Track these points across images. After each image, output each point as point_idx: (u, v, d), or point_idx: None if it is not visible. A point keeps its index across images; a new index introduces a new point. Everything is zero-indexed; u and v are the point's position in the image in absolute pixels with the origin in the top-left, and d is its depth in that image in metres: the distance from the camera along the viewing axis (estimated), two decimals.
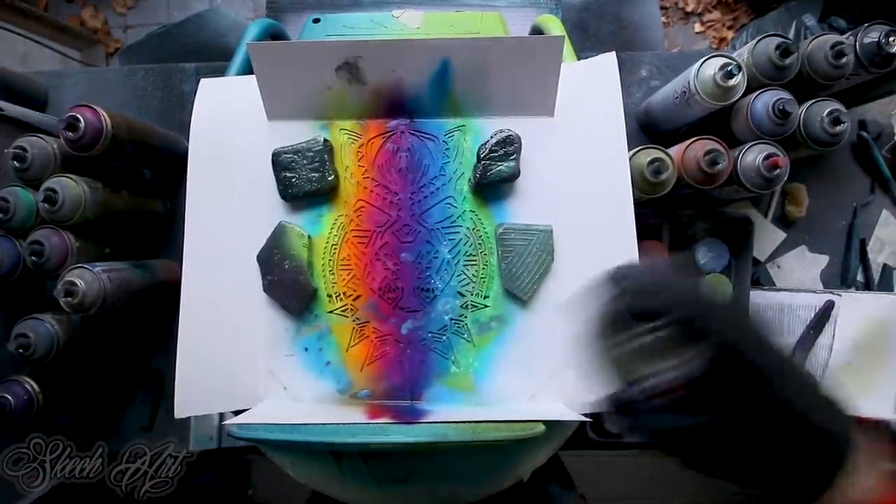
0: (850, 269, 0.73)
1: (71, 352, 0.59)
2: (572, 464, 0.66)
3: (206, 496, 1.17)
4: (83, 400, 0.68)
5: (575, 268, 0.47)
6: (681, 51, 1.64)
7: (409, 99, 0.48)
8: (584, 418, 0.43)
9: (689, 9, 1.69)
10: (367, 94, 0.47)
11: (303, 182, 0.47)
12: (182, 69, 0.76)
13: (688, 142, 0.57)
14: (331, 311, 0.48)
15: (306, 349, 0.48)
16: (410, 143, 0.49)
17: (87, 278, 0.54)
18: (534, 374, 0.46)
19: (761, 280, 0.73)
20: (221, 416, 0.68)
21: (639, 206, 0.53)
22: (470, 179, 0.48)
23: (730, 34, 1.66)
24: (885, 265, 0.74)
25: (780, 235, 0.74)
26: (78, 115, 0.54)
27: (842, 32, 0.59)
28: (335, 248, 0.48)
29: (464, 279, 0.48)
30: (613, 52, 0.50)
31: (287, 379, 0.47)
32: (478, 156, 0.47)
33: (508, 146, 0.46)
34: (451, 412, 0.44)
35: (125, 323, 0.68)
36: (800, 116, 0.57)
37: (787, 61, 0.55)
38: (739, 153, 0.57)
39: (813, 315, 0.71)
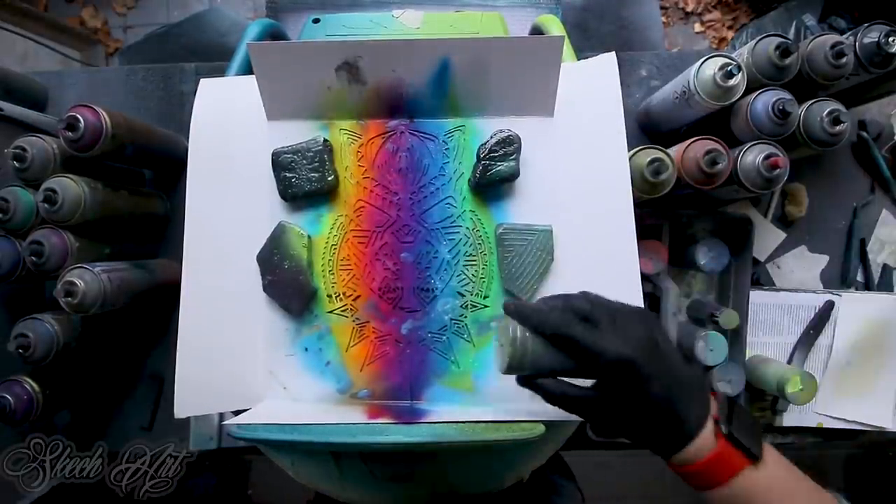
0: (850, 269, 0.73)
1: (71, 352, 0.59)
2: (572, 464, 0.66)
3: (206, 496, 1.17)
4: (83, 400, 0.68)
5: (575, 268, 0.47)
6: (681, 51, 1.64)
7: (408, 99, 0.48)
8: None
9: (689, 9, 1.69)
10: (367, 94, 0.47)
11: (303, 182, 0.47)
12: (182, 69, 0.76)
13: (688, 142, 0.57)
14: (331, 311, 0.48)
15: (306, 349, 0.48)
16: (410, 143, 0.49)
17: (87, 278, 0.54)
18: None
19: (761, 280, 0.73)
20: (221, 416, 0.68)
21: (639, 206, 0.53)
22: (470, 179, 0.48)
23: (730, 34, 1.66)
24: (885, 265, 0.74)
25: (780, 235, 0.74)
26: (78, 115, 0.54)
27: (842, 32, 0.59)
28: (335, 248, 0.48)
29: (463, 279, 0.48)
30: (613, 52, 0.50)
31: (287, 379, 0.47)
32: (477, 156, 0.47)
33: (508, 146, 0.46)
34: (450, 412, 0.44)
35: (125, 323, 0.67)
36: (800, 116, 0.57)
37: (787, 61, 0.55)
38: (739, 153, 0.57)
39: (813, 315, 0.71)
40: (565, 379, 0.38)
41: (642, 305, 0.46)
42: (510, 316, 0.38)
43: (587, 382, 0.37)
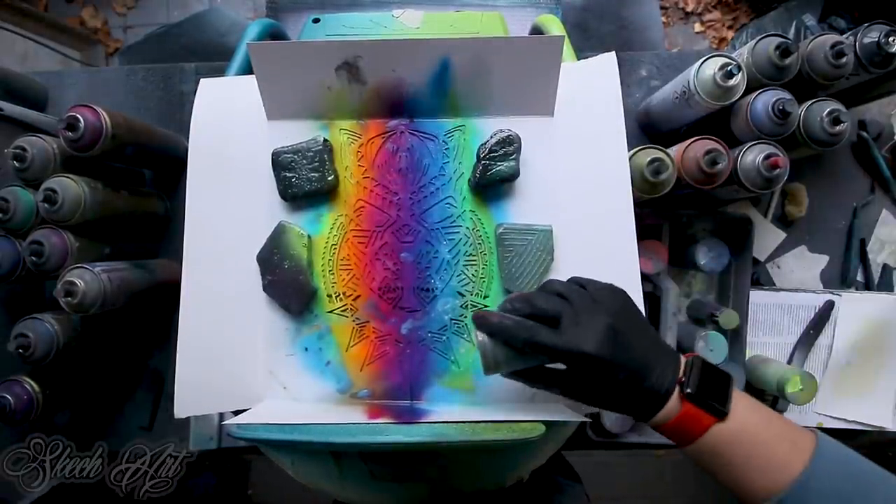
0: (850, 269, 0.73)
1: (71, 352, 0.59)
2: (573, 463, 0.66)
3: (206, 496, 1.17)
4: (83, 400, 0.68)
5: (575, 267, 0.47)
6: (681, 51, 1.64)
7: (408, 99, 0.48)
8: (584, 418, 0.43)
9: (689, 9, 1.69)
10: (367, 93, 0.47)
11: (303, 182, 0.47)
12: (182, 69, 0.76)
13: (688, 142, 0.57)
14: (331, 311, 0.48)
15: (306, 349, 0.48)
16: (410, 143, 0.49)
17: (87, 278, 0.54)
18: None
19: (761, 280, 0.73)
20: (221, 416, 0.68)
21: (639, 206, 0.53)
22: (470, 179, 0.48)
23: (730, 34, 1.66)
24: (884, 265, 0.74)
25: (780, 235, 0.74)
26: (78, 115, 0.54)
27: (842, 32, 0.59)
28: (335, 248, 0.48)
29: (463, 279, 0.48)
30: (613, 52, 0.50)
31: (287, 379, 0.47)
32: (477, 156, 0.47)
33: (508, 146, 0.46)
34: (450, 412, 0.44)
35: (125, 323, 0.67)
36: (800, 116, 0.57)
37: (787, 61, 0.55)
38: (739, 153, 0.57)
39: (813, 315, 0.71)
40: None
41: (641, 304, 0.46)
42: (477, 328, 0.39)
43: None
